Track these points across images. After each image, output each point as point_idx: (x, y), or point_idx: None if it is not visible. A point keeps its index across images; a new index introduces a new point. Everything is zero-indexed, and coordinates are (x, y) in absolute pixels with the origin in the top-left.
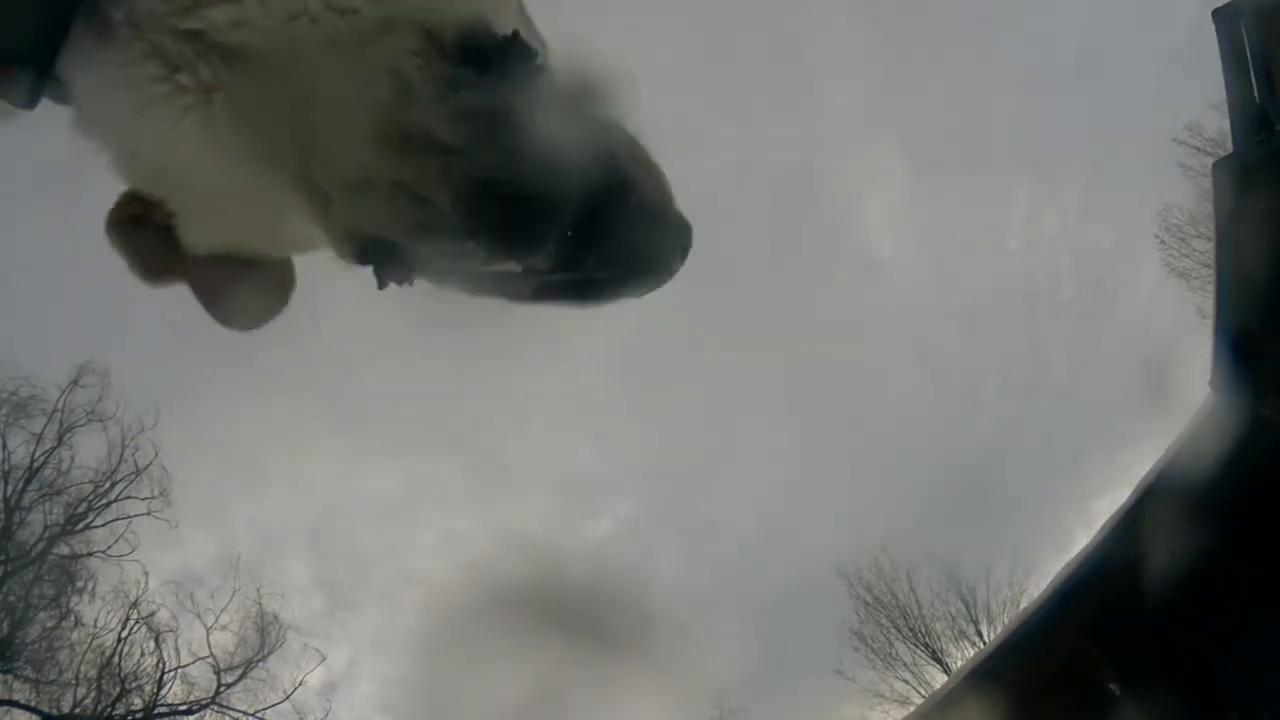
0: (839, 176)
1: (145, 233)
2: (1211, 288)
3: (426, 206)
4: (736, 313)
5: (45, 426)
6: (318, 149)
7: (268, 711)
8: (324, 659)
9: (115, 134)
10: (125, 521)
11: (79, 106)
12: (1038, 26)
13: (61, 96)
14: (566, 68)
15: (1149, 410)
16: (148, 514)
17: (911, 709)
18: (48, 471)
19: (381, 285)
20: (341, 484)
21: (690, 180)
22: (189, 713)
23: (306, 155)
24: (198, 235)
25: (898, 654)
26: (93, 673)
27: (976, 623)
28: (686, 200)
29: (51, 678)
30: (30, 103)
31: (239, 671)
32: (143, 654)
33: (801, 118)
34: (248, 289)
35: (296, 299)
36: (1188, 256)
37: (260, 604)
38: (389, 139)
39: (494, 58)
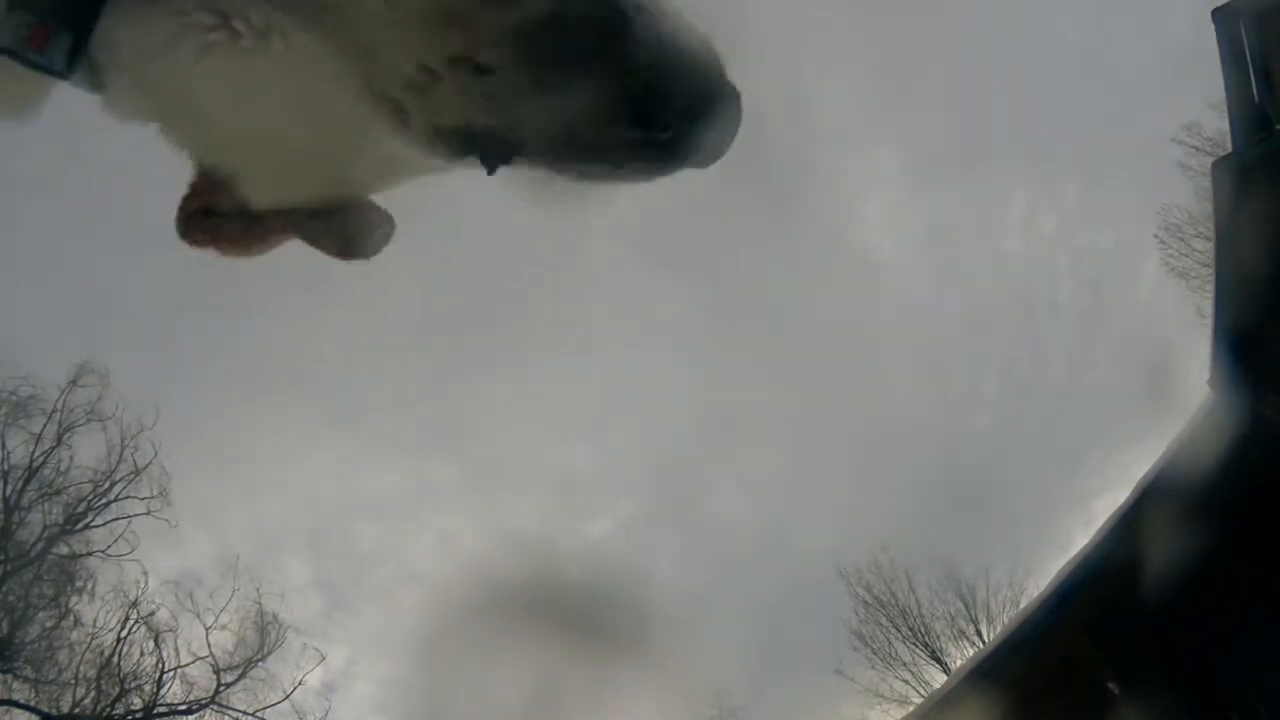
0: (838, 177)
1: (221, 218)
2: (1211, 287)
3: (493, 75)
4: (735, 313)
5: (45, 426)
6: (381, 64)
7: (267, 711)
8: (323, 658)
9: (169, 95)
10: (124, 521)
11: (126, 72)
12: (1037, 26)
13: (87, 79)
14: None
15: (1149, 410)
16: (147, 513)
17: (911, 709)
18: (47, 471)
19: (490, 171)
20: (340, 484)
21: (684, 182)
22: (188, 712)
23: (372, 74)
24: (267, 192)
25: (897, 653)
26: (92, 672)
27: (976, 622)
28: (682, 196)
29: (51, 677)
30: (68, 70)
31: (238, 671)
32: (142, 654)
33: (799, 117)
34: (341, 229)
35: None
36: (1187, 256)
37: (260, 603)
38: (434, 18)
39: None
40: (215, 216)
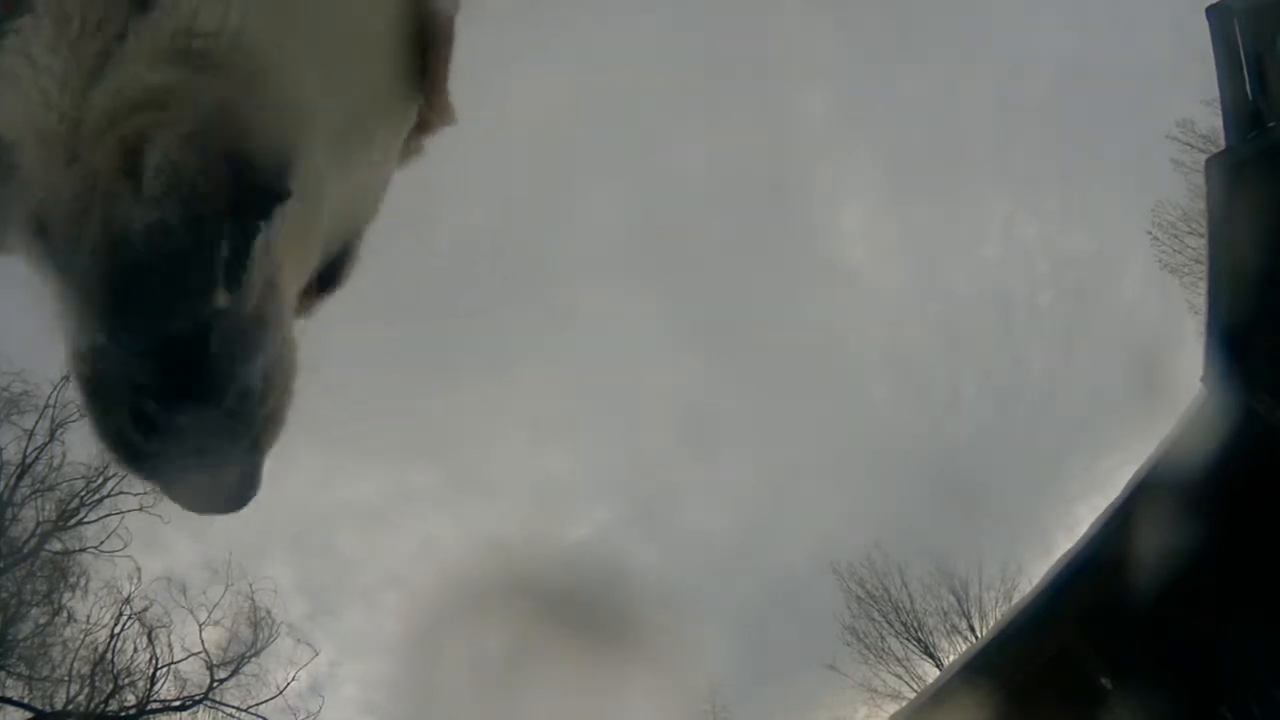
0: (830, 178)
1: None
2: (1204, 284)
3: None
4: (724, 320)
5: (37, 422)
6: None
7: (260, 707)
8: (316, 654)
9: None
10: (117, 517)
11: None
12: (1031, 23)
13: None
14: None
15: (1140, 408)
16: (140, 509)
17: (904, 703)
18: (40, 467)
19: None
20: (323, 490)
21: (672, 186)
22: (182, 708)
23: None
24: None
25: (890, 648)
26: (86, 669)
27: (968, 617)
28: (669, 212)
29: (44, 674)
30: None
31: (231, 667)
32: (135, 650)
33: (777, 126)
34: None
35: None
36: (1180, 253)
37: (253, 599)
38: None
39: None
40: None
